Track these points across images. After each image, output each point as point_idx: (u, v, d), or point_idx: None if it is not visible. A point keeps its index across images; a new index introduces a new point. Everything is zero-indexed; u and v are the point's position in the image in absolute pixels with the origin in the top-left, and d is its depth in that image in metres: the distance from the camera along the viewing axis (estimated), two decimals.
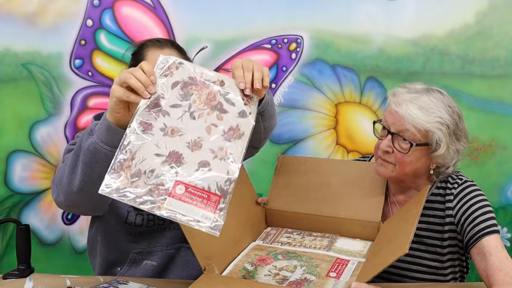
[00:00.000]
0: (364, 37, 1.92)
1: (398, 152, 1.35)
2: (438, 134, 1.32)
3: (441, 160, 1.37)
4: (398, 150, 1.35)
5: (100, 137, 1.15)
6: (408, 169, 1.37)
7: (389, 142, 1.36)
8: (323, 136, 2.00)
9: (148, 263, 1.48)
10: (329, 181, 1.49)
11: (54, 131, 1.95)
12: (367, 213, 1.42)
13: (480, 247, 1.28)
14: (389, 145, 1.36)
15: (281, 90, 1.96)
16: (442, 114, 1.33)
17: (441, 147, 1.33)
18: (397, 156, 1.36)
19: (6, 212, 1.98)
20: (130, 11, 1.90)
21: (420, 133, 1.33)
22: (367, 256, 1.32)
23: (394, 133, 1.35)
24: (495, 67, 1.90)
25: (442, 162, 1.37)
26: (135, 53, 1.46)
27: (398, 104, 1.34)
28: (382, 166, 1.40)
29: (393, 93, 1.39)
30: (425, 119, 1.32)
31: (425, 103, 1.33)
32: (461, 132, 1.37)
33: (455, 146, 1.36)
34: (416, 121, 1.32)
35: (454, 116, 1.36)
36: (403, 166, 1.36)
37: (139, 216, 1.46)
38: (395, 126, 1.35)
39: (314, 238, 1.43)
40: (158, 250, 1.49)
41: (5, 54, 1.90)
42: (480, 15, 1.88)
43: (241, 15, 1.91)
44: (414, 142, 1.33)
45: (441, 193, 1.42)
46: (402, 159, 1.35)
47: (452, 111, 1.36)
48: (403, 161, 1.35)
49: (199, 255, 1.22)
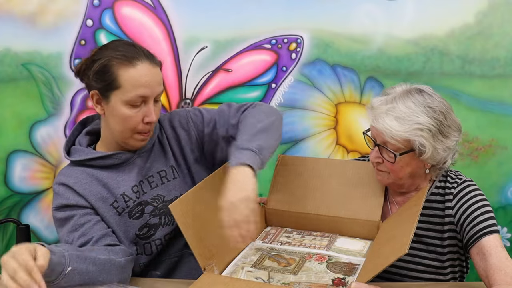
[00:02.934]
0: (364, 37, 1.91)
1: (387, 162, 1.36)
2: (419, 140, 1.31)
3: (431, 161, 1.36)
4: (386, 160, 1.36)
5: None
6: (401, 174, 1.38)
7: (377, 153, 1.38)
8: (323, 136, 2.00)
9: (153, 273, 1.46)
10: (329, 181, 1.49)
11: (54, 131, 1.95)
12: (366, 212, 1.42)
13: (479, 247, 1.28)
14: (377, 156, 1.38)
15: (281, 90, 1.96)
16: (420, 119, 1.31)
17: (426, 151, 1.32)
18: (388, 165, 1.37)
19: (6, 212, 1.98)
20: (130, 11, 1.90)
21: (400, 143, 1.33)
22: (367, 256, 1.32)
23: (379, 145, 1.36)
24: (495, 67, 1.90)
25: (434, 162, 1.37)
26: (100, 72, 1.33)
27: (375, 119, 1.35)
28: (378, 175, 1.43)
29: (371, 106, 1.38)
30: (402, 129, 1.31)
31: (401, 112, 1.32)
32: (449, 128, 1.35)
33: (443, 144, 1.34)
34: (394, 133, 1.31)
35: (437, 116, 1.33)
36: (395, 172, 1.38)
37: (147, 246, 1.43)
38: (378, 138, 1.37)
39: (314, 237, 1.43)
40: (162, 260, 1.46)
41: (5, 54, 1.90)
42: (480, 15, 1.88)
43: (241, 15, 1.91)
44: (397, 153, 1.33)
45: (440, 193, 1.42)
46: (392, 167, 1.37)
47: (434, 111, 1.33)
48: (394, 168, 1.37)
49: (198, 255, 1.22)
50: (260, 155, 1.28)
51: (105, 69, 1.32)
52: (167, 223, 1.43)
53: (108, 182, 1.38)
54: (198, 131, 1.49)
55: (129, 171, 1.41)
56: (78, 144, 1.44)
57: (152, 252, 1.42)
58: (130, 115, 1.33)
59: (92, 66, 1.34)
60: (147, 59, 1.34)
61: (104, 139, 1.44)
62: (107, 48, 1.37)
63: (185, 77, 1.93)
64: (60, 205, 1.35)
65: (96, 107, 1.37)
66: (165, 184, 1.44)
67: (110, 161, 1.39)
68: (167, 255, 1.46)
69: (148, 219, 1.41)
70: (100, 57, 1.34)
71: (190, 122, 1.49)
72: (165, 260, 1.46)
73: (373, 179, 1.46)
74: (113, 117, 1.35)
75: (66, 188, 1.36)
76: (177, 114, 1.51)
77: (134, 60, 1.32)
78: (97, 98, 1.36)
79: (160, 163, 1.46)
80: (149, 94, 1.33)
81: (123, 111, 1.33)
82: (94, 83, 1.35)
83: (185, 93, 1.94)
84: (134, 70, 1.32)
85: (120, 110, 1.33)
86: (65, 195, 1.35)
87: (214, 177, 1.35)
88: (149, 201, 1.41)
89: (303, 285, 1.21)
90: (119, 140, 1.39)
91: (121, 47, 1.35)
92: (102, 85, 1.33)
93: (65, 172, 1.41)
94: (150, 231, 1.41)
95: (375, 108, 1.36)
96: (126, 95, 1.32)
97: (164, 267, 1.46)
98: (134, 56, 1.33)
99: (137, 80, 1.31)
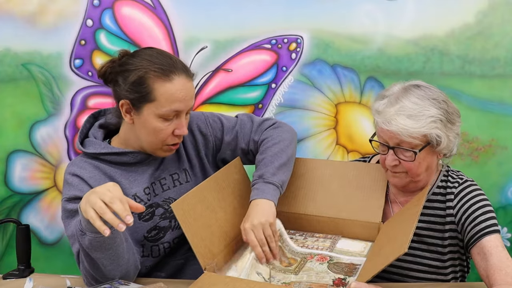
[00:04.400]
0: (364, 37, 1.91)
1: (405, 162, 1.35)
2: (435, 132, 1.32)
3: (446, 150, 1.37)
4: (404, 160, 1.35)
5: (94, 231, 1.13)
6: (420, 170, 1.37)
7: (393, 156, 1.36)
8: (323, 136, 2.00)
9: (158, 274, 1.45)
10: (330, 182, 1.49)
11: (54, 131, 1.95)
12: (367, 214, 1.42)
13: (480, 247, 1.28)
14: (394, 159, 1.36)
15: (281, 90, 1.96)
16: (431, 111, 1.32)
17: (442, 141, 1.34)
18: (406, 165, 1.36)
19: (6, 212, 1.98)
20: (130, 11, 1.90)
21: (418, 139, 1.32)
22: (368, 256, 1.32)
23: (394, 147, 1.35)
24: (495, 67, 1.90)
25: (447, 150, 1.38)
26: (135, 83, 1.30)
27: (387, 122, 1.33)
28: (395, 177, 1.40)
29: (377, 111, 1.37)
30: (419, 125, 1.31)
31: (411, 110, 1.32)
32: (453, 115, 1.37)
33: (453, 132, 1.36)
34: (411, 131, 1.31)
35: (442, 106, 1.34)
36: (414, 170, 1.36)
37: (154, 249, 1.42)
38: (393, 140, 1.35)
39: (317, 239, 1.43)
40: (168, 263, 1.45)
41: (5, 54, 1.90)
42: (480, 15, 1.88)
43: (241, 15, 1.91)
44: (416, 149, 1.33)
45: (441, 193, 1.42)
46: (410, 166, 1.35)
47: (438, 101, 1.34)
48: (413, 166, 1.35)
49: (199, 255, 1.22)
50: (281, 189, 1.37)
51: (141, 81, 1.29)
52: (177, 226, 1.42)
53: (121, 181, 1.36)
54: (216, 138, 1.49)
55: (142, 172, 1.40)
56: (92, 137, 1.42)
57: (159, 254, 1.42)
58: (162, 128, 1.32)
59: (124, 74, 1.31)
60: (183, 73, 1.32)
61: (122, 136, 1.41)
62: (141, 58, 1.32)
63: None
64: (73, 196, 1.31)
65: (125, 116, 1.35)
66: (177, 187, 1.43)
67: (125, 159, 1.38)
68: (172, 257, 1.45)
69: (158, 221, 1.40)
70: (136, 68, 1.30)
71: (209, 127, 1.49)
72: (170, 262, 1.45)
73: (374, 180, 1.46)
74: (144, 128, 1.33)
75: (80, 180, 1.34)
76: (195, 117, 1.50)
77: (171, 74, 1.30)
78: (127, 108, 1.33)
79: (174, 166, 1.45)
80: (183, 109, 1.32)
81: (156, 124, 1.31)
82: (126, 93, 1.31)
83: None
84: (171, 84, 1.29)
85: (153, 123, 1.31)
86: (79, 187, 1.32)
87: (216, 178, 1.35)
88: (160, 203, 1.40)
89: (303, 284, 1.21)
90: (147, 149, 1.38)
91: (157, 58, 1.32)
92: (135, 96, 1.30)
93: (79, 163, 1.37)
94: (159, 233, 1.40)
95: (383, 112, 1.35)
96: (160, 109, 1.30)
97: (169, 269, 1.45)
98: (171, 70, 1.30)
99: (173, 95, 1.29)
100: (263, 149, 1.44)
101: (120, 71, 1.32)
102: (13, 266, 1.46)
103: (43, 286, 1.32)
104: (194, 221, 1.24)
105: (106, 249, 1.18)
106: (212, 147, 1.49)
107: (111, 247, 1.19)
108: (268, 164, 1.39)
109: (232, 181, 1.40)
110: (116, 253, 1.21)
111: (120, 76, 1.32)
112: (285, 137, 1.47)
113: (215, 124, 1.50)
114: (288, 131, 1.51)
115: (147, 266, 1.42)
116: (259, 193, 1.33)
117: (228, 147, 1.50)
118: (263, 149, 1.44)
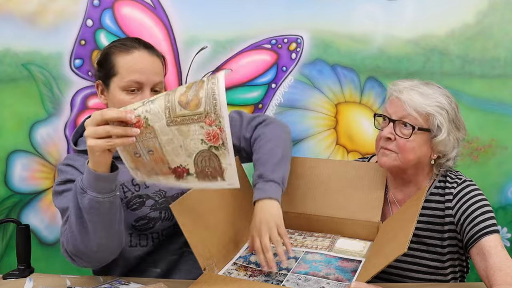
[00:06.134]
0: (364, 37, 1.91)
1: (400, 138, 1.36)
2: (439, 118, 1.35)
3: (442, 148, 1.38)
4: (400, 136, 1.36)
5: (96, 190, 1.16)
6: (411, 156, 1.37)
7: (391, 129, 1.38)
8: (323, 136, 2.00)
9: (153, 270, 1.47)
10: (329, 181, 1.50)
11: (54, 131, 1.95)
12: (366, 213, 1.42)
13: (480, 247, 1.28)
14: (390, 132, 1.38)
15: (281, 90, 1.96)
16: (441, 100, 1.37)
17: (442, 132, 1.35)
18: (399, 143, 1.37)
19: (6, 212, 1.98)
20: (130, 11, 1.90)
21: (421, 117, 1.35)
22: (367, 256, 1.32)
23: (395, 120, 1.37)
24: (495, 67, 1.90)
25: (443, 150, 1.38)
26: (102, 61, 1.41)
27: (399, 91, 1.38)
28: (384, 155, 1.40)
29: (393, 83, 1.43)
30: (426, 103, 1.36)
31: (425, 91, 1.38)
32: (460, 123, 1.41)
33: (455, 134, 1.39)
34: (417, 104, 1.35)
35: (453, 105, 1.39)
36: (405, 153, 1.37)
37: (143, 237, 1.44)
38: (397, 113, 1.38)
39: (316, 238, 1.43)
40: (161, 257, 1.47)
41: (5, 54, 1.90)
42: (480, 15, 1.88)
43: (241, 15, 1.91)
44: (416, 126, 1.34)
45: (440, 193, 1.42)
46: (404, 145, 1.36)
47: (450, 100, 1.40)
48: (406, 147, 1.36)
49: (199, 255, 1.22)
50: (283, 186, 1.37)
51: (106, 57, 1.39)
52: (167, 218, 1.45)
53: None
54: None
55: None
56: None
57: (147, 244, 1.44)
58: (126, 101, 1.35)
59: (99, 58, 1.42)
60: (145, 48, 1.40)
61: None
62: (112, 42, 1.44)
63: (185, 77, 1.93)
64: (63, 180, 1.37)
65: (100, 97, 1.43)
66: None
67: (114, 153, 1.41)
68: (167, 252, 1.47)
69: (148, 212, 1.42)
70: (104, 48, 1.43)
71: None
72: (165, 257, 1.47)
73: (373, 180, 1.46)
74: (112, 104, 1.39)
75: (72, 168, 1.39)
76: None
77: (131, 48, 1.38)
78: (101, 89, 1.42)
79: None
80: (144, 81, 1.36)
81: (120, 97, 1.37)
82: (97, 73, 1.42)
83: None
84: (130, 56, 1.37)
85: (118, 96, 1.37)
86: (71, 172, 1.38)
87: None
88: (151, 195, 1.43)
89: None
90: None
91: (124, 39, 1.45)
92: (103, 74, 1.40)
93: (72, 157, 1.44)
94: (149, 223, 1.42)
95: (399, 84, 1.41)
96: (121, 81, 1.36)
97: (164, 265, 1.47)
98: (133, 45, 1.39)
99: (132, 66, 1.36)
100: (257, 148, 1.45)
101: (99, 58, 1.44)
102: (13, 266, 1.46)
103: (43, 286, 1.33)
104: (193, 221, 1.24)
105: (103, 213, 1.19)
106: None
107: (108, 212, 1.20)
108: (265, 163, 1.39)
109: None
110: (110, 220, 1.22)
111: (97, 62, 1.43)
112: (278, 133, 1.48)
113: None
114: (279, 126, 1.52)
115: (137, 256, 1.43)
116: (261, 193, 1.33)
117: None
118: (257, 148, 1.45)
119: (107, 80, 1.39)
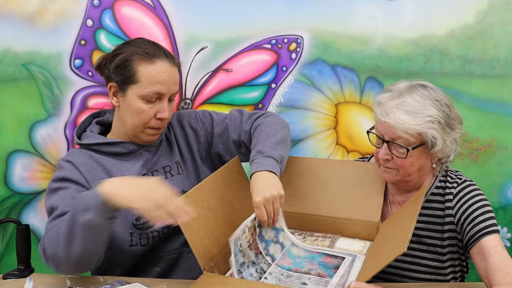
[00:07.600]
0: (364, 37, 1.91)
1: (397, 158, 1.35)
2: (431, 132, 1.32)
3: (441, 154, 1.37)
4: (396, 156, 1.35)
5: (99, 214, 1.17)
6: (411, 170, 1.37)
7: (386, 150, 1.37)
8: (323, 136, 1.99)
9: (152, 269, 1.47)
10: (329, 181, 1.50)
11: (54, 131, 1.95)
12: (366, 213, 1.42)
13: (480, 247, 1.28)
14: (387, 153, 1.37)
15: (281, 90, 1.96)
16: (430, 111, 1.32)
17: (437, 143, 1.33)
18: (397, 162, 1.36)
19: (6, 212, 1.98)
20: (130, 11, 1.90)
21: (413, 136, 1.33)
22: (367, 256, 1.32)
23: (388, 141, 1.35)
24: (495, 67, 1.90)
25: (443, 155, 1.38)
26: (121, 66, 1.40)
27: (385, 114, 1.34)
28: (386, 172, 1.41)
29: (378, 103, 1.38)
30: (415, 123, 1.31)
31: (411, 106, 1.32)
32: (454, 120, 1.37)
33: (451, 137, 1.36)
34: (407, 127, 1.31)
35: (444, 109, 1.34)
36: (405, 168, 1.37)
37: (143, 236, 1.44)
38: (388, 134, 1.35)
39: (316, 238, 1.43)
40: (161, 256, 1.47)
41: (5, 54, 1.90)
42: (480, 15, 1.88)
43: (241, 15, 1.91)
44: (409, 147, 1.33)
45: (440, 193, 1.42)
46: (402, 163, 1.35)
47: (440, 104, 1.35)
48: (404, 164, 1.36)
49: (198, 255, 1.22)
50: (281, 164, 1.36)
51: (126, 63, 1.39)
52: None
53: (112, 170, 1.43)
54: (206, 132, 1.55)
55: (134, 162, 1.46)
56: (89, 131, 1.50)
57: (148, 243, 1.44)
58: (144, 110, 1.39)
59: (114, 59, 1.41)
60: (166, 58, 1.41)
61: (114, 130, 1.50)
62: (130, 44, 1.44)
63: (185, 77, 1.93)
64: (60, 177, 1.38)
65: (112, 99, 1.44)
66: (169, 179, 1.48)
67: (117, 149, 1.45)
68: (166, 251, 1.47)
69: None
70: (122, 52, 1.41)
71: (199, 122, 1.55)
72: (164, 256, 1.47)
73: (373, 179, 1.46)
74: (128, 109, 1.41)
75: (72, 166, 1.41)
76: (186, 114, 1.58)
77: (154, 57, 1.39)
78: (114, 91, 1.43)
79: (166, 158, 1.50)
80: (164, 92, 1.39)
81: (138, 105, 1.39)
82: (113, 76, 1.41)
83: (185, 93, 1.94)
84: (153, 67, 1.38)
85: (136, 104, 1.39)
86: (69, 170, 1.39)
87: (215, 177, 1.35)
88: None
89: None
90: (130, 133, 1.45)
91: (144, 44, 1.43)
92: (121, 78, 1.40)
93: (74, 153, 1.45)
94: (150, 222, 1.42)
95: (383, 104, 1.36)
96: (142, 90, 1.38)
97: (163, 264, 1.47)
98: (154, 54, 1.40)
99: (155, 77, 1.38)
100: (257, 134, 1.45)
101: (111, 58, 1.44)
102: (13, 266, 1.46)
103: (43, 286, 1.32)
104: (193, 221, 1.24)
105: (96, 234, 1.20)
106: (204, 141, 1.55)
107: (101, 234, 1.22)
108: (264, 142, 1.39)
109: (230, 181, 1.41)
110: (100, 239, 1.23)
111: (110, 62, 1.42)
112: (277, 122, 1.50)
113: (205, 118, 1.56)
114: (279, 119, 1.54)
115: (137, 255, 1.44)
116: (260, 166, 1.31)
117: (219, 140, 1.54)
118: (256, 134, 1.45)
119: (124, 85, 1.40)
